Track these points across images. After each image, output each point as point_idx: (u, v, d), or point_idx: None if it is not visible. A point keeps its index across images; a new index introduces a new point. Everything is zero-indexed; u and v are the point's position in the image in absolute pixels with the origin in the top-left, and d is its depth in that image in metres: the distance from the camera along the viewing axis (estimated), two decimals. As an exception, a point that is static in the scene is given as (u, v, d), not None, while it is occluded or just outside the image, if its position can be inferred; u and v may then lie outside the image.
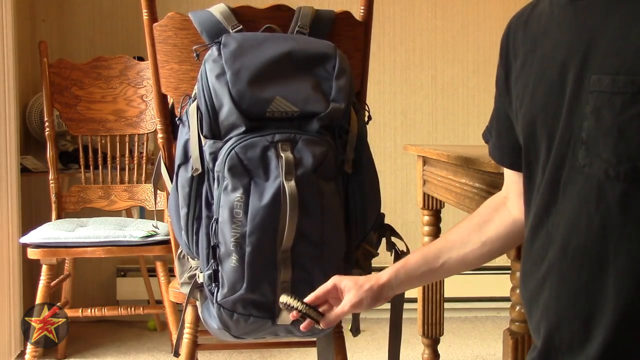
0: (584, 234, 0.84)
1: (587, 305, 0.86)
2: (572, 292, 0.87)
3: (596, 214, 0.82)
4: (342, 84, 1.35)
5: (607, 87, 0.78)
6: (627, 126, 0.77)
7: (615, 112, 0.78)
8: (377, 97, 3.20)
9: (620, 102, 0.77)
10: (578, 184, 0.85)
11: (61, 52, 2.99)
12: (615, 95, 0.77)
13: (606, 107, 0.78)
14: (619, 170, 0.78)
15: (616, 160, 0.78)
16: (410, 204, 3.20)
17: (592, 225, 0.83)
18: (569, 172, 0.86)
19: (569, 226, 0.87)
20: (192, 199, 1.36)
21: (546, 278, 0.93)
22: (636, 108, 0.76)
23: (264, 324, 1.34)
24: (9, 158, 2.53)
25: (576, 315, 0.87)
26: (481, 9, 3.23)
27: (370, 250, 1.48)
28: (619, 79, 0.77)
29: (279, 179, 1.26)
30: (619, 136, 0.78)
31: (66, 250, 2.27)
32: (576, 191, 0.85)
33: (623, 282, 0.81)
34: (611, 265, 0.82)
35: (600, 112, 0.79)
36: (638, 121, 0.76)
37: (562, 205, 0.88)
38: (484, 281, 3.09)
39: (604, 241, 0.82)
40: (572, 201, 0.86)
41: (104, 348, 2.78)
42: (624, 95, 0.77)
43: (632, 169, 0.77)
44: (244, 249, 1.27)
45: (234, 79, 1.29)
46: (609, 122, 0.78)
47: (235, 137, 1.28)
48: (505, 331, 1.36)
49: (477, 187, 1.54)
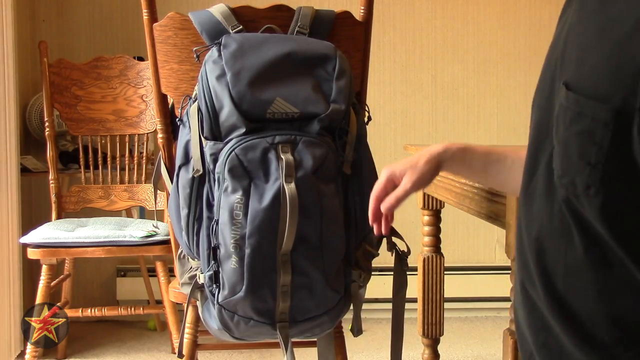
0: (545, 228, 0.86)
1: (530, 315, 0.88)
2: (523, 286, 0.90)
3: (557, 213, 0.84)
4: (342, 85, 1.35)
5: (563, 100, 0.80)
6: (570, 141, 0.79)
7: (564, 125, 0.80)
8: (377, 97, 3.20)
9: (570, 117, 0.78)
10: (547, 184, 0.87)
11: (61, 52, 2.99)
12: (567, 110, 0.79)
13: (561, 118, 0.81)
14: (562, 182, 0.80)
15: (561, 172, 0.80)
16: (410, 204, 3.20)
17: (552, 222, 0.85)
18: (542, 173, 0.88)
19: (534, 218, 0.89)
20: (192, 199, 1.36)
21: (517, 266, 0.95)
22: (577, 127, 0.77)
23: (264, 329, 1.34)
24: (9, 158, 2.53)
25: (532, 325, 0.89)
26: (481, 9, 3.23)
27: (371, 251, 1.48)
28: (571, 95, 0.78)
29: (279, 181, 1.26)
30: (564, 150, 0.80)
31: (66, 250, 2.27)
32: (546, 186, 0.87)
33: (570, 284, 0.83)
34: (562, 263, 0.84)
35: (558, 121, 0.81)
36: (576, 140, 0.78)
37: (533, 196, 0.90)
38: (484, 281, 3.09)
39: (559, 240, 0.84)
40: (541, 194, 0.88)
41: (104, 348, 2.78)
42: (572, 110, 0.78)
43: (571, 183, 0.79)
44: (243, 251, 1.27)
45: (234, 80, 1.29)
46: (561, 135, 0.80)
47: (236, 139, 1.28)
48: (505, 331, 1.36)
49: (477, 187, 1.54)
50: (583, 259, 0.81)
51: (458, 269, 3.13)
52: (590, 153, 0.76)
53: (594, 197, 0.77)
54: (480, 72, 3.24)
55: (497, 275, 3.02)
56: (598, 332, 0.81)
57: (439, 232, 2.07)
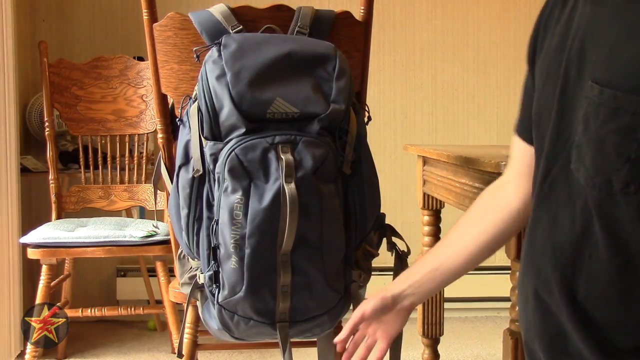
0: (566, 234, 0.85)
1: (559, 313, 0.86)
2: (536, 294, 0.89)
3: (580, 217, 0.83)
4: (342, 85, 1.34)
5: (596, 97, 0.79)
6: (606, 140, 0.78)
7: (598, 123, 0.78)
8: (377, 97, 3.20)
9: (603, 115, 0.78)
10: (568, 185, 0.85)
11: (61, 52, 2.99)
12: (601, 106, 0.78)
13: (592, 117, 0.79)
14: (595, 182, 0.79)
15: (594, 172, 0.79)
16: (410, 204, 3.20)
17: (574, 227, 0.84)
18: (561, 171, 0.87)
19: (552, 223, 0.87)
20: (192, 199, 1.36)
21: (525, 272, 0.94)
22: (614, 124, 0.77)
23: (264, 329, 1.34)
24: (9, 158, 2.53)
25: (550, 328, 0.88)
26: (481, 9, 3.23)
27: (371, 251, 1.48)
28: (606, 91, 0.77)
29: (278, 181, 1.25)
30: (598, 148, 0.78)
31: (66, 250, 2.27)
32: (565, 191, 0.86)
33: (593, 287, 0.82)
34: (584, 269, 0.83)
35: (588, 120, 0.80)
36: (614, 136, 0.77)
37: (549, 202, 0.89)
38: (484, 281, 3.09)
39: (581, 245, 0.83)
40: (559, 200, 0.87)
41: (104, 348, 2.78)
42: (607, 108, 0.77)
43: (606, 181, 0.78)
44: (243, 251, 1.27)
45: (234, 80, 1.29)
46: (593, 132, 0.79)
47: (236, 139, 1.28)
48: (505, 331, 1.36)
49: (477, 187, 1.54)
50: (607, 265, 0.80)
51: (458, 269, 3.12)
52: (630, 149, 0.75)
53: (633, 195, 0.75)
54: (480, 72, 3.24)
55: (497, 275, 3.02)
56: (618, 340, 0.80)
57: (439, 232, 2.07)
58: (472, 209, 1.18)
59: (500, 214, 1.12)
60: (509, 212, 1.11)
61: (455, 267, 1.17)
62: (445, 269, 1.17)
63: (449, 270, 1.17)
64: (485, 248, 1.15)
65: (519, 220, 1.10)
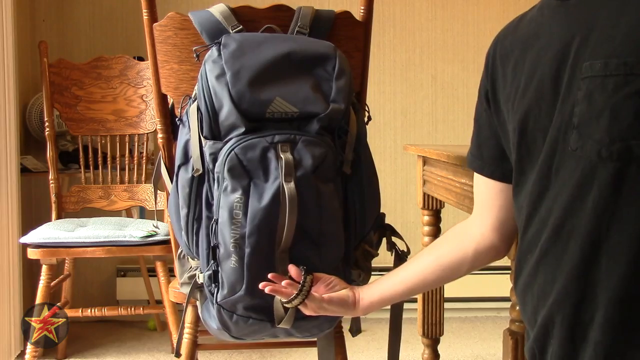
0: (577, 216, 0.86)
1: (581, 287, 0.87)
2: (567, 274, 0.89)
3: (589, 195, 0.84)
4: (341, 84, 1.34)
5: (599, 71, 0.81)
6: (620, 106, 0.79)
7: (607, 93, 0.80)
8: (377, 97, 3.20)
9: (613, 84, 0.79)
10: (570, 168, 0.87)
11: (61, 52, 2.99)
12: (608, 77, 0.80)
13: (598, 90, 0.81)
14: (612, 150, 0.80)
15: (609, 140, 0.80)
16: (410, 204, 3.20)
17: (585, 207, 0.85)
18: (561, 158, 0.88)
19: (562, 210, 0.89)
20: (192, 199, 1.36)
21: (540, 263, 0.94)
22: (629, 88, 0.79)
23: (263, 327, 1.34)
24: (9, 158, 2.53)
25: (573, 297, 0.88)
26: (481, 9, 3.24)
27: (370, 251, 1.48)
28: (611, 62, 0.79)
29: (278, 180, 1.26)
30: (611, 116, 0.80)
31: (66, 250, 2.27)
32: (568, 175, 0.87)
33: (616, 262, 0.83)
34: (604, 245, 0.84)
35: (593, 95, 0.81)
36: (630, 101, 0.79)
37: (554, 190, 0.90)
38: (484, 281, 3.09)
39: (597, 222, 0.84)
40: (565, 185, 0.88)
41: (104, 348, 2.78)
42: (616, 77, 0.79)
43: (625, 148, 0.79)
44: (243, 250, 1.27)
45: (233, 80, 1.29)
46: (601, 104, 0.80)
47: (235, 138, 1.28)
48: (505, 331, 1.36)
49: (477, 187, 1.54)
50: (633, 233, 0.81)
51: (458, 269, 3.12)
52: None
53: None
54: (480, 72, 3.23)
55: (497, 275, 3.01)
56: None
57: (439, 232, 2.07)
58: (439, 239, 1.26)
59: (461, 243, 1.20)
60: (473, 252, 1.18)
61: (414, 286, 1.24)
62: (407, 287, 1.23)
63: (409, 290, 1.24)
64: (439, 271, 1.21)
65: (483, 257, 1.17)
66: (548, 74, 0.91)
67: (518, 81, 0.99)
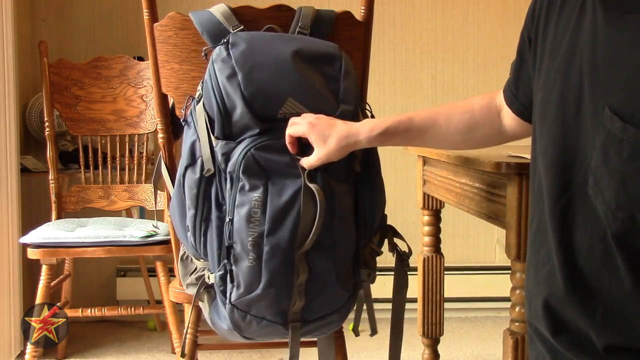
0: (584, 258, 0.85)
1: None
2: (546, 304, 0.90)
3: (600, 243, 0.82)
4: (348, 85, 1.35)
5: (617, 131, 0.77)
6: (631, 177, 0.76)
7: (622, 159, 0.77)
8: (377, 97, 3.20)
9: (629, 152, 0.76)
10: (584, 207, 0.84)
11: (61, 52, 2.99)
12: (624, 142, 0.76)
13: (614, 150, 0.78)
14: (617, 216, 0.78)
15: (615, 206, 0.78)
16: (410, 204, 3.20)
17: (594, 253, 0.83)
18: (578, 195, 0.86)
19: (572, 250, 0.87)
20: (200, 200, 1.35)
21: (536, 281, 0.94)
22: (639, 163, 0.75)
23: (276, 329, 1.33)
24: (9, 158, 2.53)
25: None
26: (481, 9, 3.24)
27: (375, 249, 1.48)
28: (630, 129, 0.75)
29: (298, 180, 1.26)
30: (621, 184, 0.77)
31: (66, 250, 2.27)
32: (582, 213, 0.85)
33: (611, 314, 0.83)
34: (603, 296, 0.84)
35: (609, 151, 0.78)
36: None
37: (566, 227, 0.88)
38: (484, 281, 3.09)
39: (601, 273, 0.83)
40: (576, 221, 0.86)
41: (104, 348, 2.78)
42: (632, 145, 0.75)
43: (629, 218, 0.77)
44: (261, 249, 1.26)
45: (245, 81, 1.28)
46: (615, 166, 0.78)
47: (250, 138, 1.28)
48: (505, 331, 1.37)
49: (477, 187, 1.54)
50: (631, 292, 0.79)
51: (458, 269, 3.13)
52: None
53: None
54: (480, 72, 3.25)
55: (497, 275, 3.02)
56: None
57: (439, 232, 2.07)
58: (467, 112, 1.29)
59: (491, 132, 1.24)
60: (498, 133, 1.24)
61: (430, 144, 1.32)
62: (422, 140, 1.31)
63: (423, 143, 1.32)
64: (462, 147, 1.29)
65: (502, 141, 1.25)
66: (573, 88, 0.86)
67: (549, 63, 0.95)
